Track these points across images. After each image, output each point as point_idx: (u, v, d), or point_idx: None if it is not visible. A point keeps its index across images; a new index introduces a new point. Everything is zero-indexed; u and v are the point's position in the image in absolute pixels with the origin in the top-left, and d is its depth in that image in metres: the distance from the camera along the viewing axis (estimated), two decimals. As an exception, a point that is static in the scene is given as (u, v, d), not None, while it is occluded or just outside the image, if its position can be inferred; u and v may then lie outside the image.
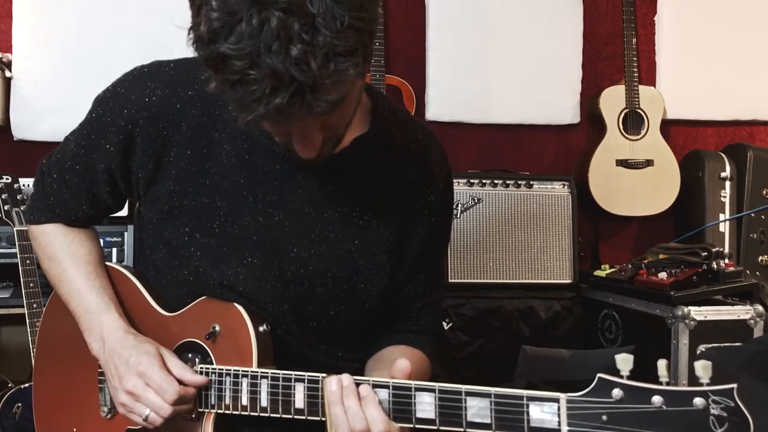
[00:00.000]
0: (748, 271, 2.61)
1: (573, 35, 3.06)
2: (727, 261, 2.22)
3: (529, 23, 3.01)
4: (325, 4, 0.75)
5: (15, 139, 2.63)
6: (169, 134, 1.08)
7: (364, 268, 1.12)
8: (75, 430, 1.18)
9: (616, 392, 0.78)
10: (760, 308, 2.16)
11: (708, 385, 0.74)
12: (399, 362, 0.96)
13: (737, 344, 2.10)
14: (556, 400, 0.81)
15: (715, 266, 2.18)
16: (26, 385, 2.05)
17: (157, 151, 1.08)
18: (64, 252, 1.19)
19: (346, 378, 0.94)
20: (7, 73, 2.59)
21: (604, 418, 0.78)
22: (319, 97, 0.79)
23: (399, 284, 1.18)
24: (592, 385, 0.79)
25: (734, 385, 0.74)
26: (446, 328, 2.40)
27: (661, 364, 0.77)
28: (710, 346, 2.10)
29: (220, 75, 0.80)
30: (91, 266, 1.18)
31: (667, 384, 0.77)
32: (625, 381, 0.78)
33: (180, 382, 1.02)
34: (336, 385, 0.93)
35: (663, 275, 2.20)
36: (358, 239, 1.11)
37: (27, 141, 2.64)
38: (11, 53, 2.63)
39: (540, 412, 0.82)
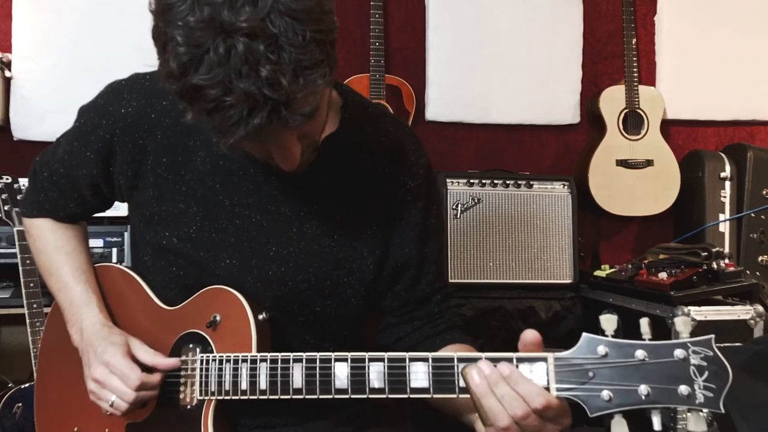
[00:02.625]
0: (748, 271, 2.61)
1: (573, 35, 3.06)
2: (727, 261, 2.21)
3: (529, 23, 3.01)
4: (285, 23, 0.77)
5: (15, 139, 2.63)
6: (145, 143, 1.12)
7: (345, 262, 1.14)
8: (76, 429, 1.19)
9: (601, 349, 0.83)
10: (760, 308, 2.16)
11: (688, 337, 0.80)
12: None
13: (737, 344, 2.10)
14: (544, 360, 0.85)
15: (715, 266, 2.17)
16: (26, 385, 2.05)
17: (135, 160, 1.13)
18: (52, 246, 1.25)
19: (485, 365, 0.87)
20: (7, 73, 2.59)
21: (591, 374, 0.82)
22: (294, 111, 0.82)
23: (402, 276, 1.18)
24: (579, 344, 0.84)
25: (712, 336, 0.79)
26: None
27: (644, 321, 0.84)
28: (710, 346, 2.10)
29: (196, 105, 0.82)
30: (78, 262, 1.23)
31: (650, 341, 0.81)
32: (609, 339, 0.83)
33: (155, 368, 1.07)
34: (479, 376, 0.86)
35: (663, 275, 2.20)
36: (337, 234, 1.13)
37: (27, 141, 2.64)
38: (11, 53, 2.63)
39: (529, 372, 0.86)
